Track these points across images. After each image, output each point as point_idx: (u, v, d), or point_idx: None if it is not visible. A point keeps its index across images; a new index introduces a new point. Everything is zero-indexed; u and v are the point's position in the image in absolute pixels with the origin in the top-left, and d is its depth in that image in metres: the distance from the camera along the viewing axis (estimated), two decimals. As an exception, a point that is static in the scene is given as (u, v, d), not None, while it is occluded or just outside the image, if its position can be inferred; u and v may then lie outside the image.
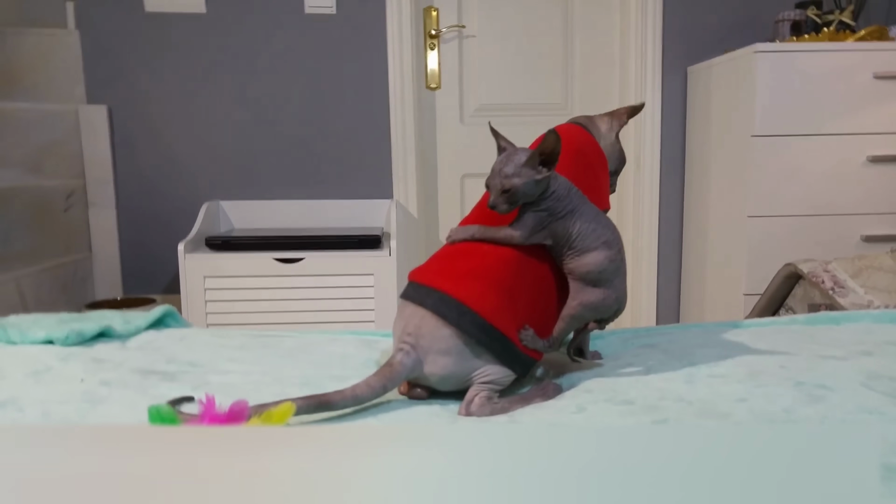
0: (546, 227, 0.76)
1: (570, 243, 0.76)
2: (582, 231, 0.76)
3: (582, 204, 0.77)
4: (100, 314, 0.95)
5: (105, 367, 0.79)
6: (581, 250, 0.76)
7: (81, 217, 2.24)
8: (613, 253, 0.77)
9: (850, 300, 1.59)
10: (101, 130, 2.25)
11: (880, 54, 1.98)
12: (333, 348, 0.90)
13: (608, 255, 0.76)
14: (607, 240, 0.77)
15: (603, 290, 0.77)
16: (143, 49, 2.27)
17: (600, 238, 0.76)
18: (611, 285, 0.77)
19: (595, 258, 0.76)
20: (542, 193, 0.75)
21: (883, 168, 2.03)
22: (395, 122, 2.35)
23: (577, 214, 0.76)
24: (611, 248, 0.77)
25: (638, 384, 0.78)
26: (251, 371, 0.81)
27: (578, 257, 0.76)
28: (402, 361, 0.72)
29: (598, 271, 0.76)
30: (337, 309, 1.95)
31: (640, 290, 2.52)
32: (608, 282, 0.77)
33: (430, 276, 0.76)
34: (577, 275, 0.77)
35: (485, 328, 0.72)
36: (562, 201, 0.75)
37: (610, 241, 0.77)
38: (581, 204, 0.77)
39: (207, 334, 0.96)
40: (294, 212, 2.34)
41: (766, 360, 0.86)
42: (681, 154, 2.46)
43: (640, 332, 1.05)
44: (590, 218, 0.77)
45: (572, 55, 2.48)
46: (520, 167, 0.73)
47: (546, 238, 0.77)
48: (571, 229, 0.76)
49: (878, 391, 0.74)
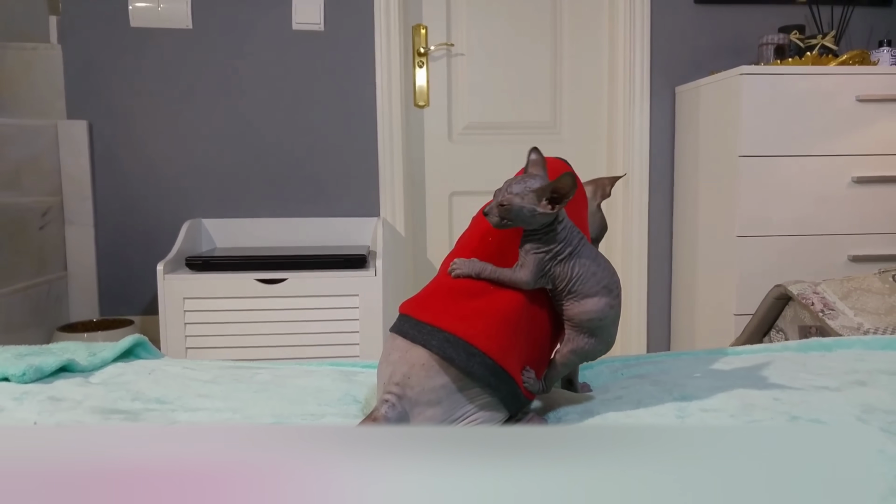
0: (547, 272, 0.73)
1: (569, 287, 0.73)
2: (582, 275, 0.73)
3: (582, 246, 0.74)
4: (62, 346, 0.90)
5: (62, 407, 0.74)
6: (581, 295, 0.73)
7: (57, 235, 2.18)
8: (612, 298, 0.74)
9: (839, 322, 1.57)
10: (80, 146, 2.20)
11: (862, 78, 1.99)
12: (309, 381, 0.86)
13: (608, 302, 0.74)
14: (607, 284, 0.74)
15: (597, 338, 0.75)
16: (126, 64, 2.23)
17: (601, 282, 0.73)
18: (607, 333, 0.75)
19: (596, 305, 0.73)
20: (548, 234, 0.72)
21: (868, 189, 2.03)
22: (382, 140, 2.32)
23: (577, 256, 0.73)
24: (611, 293, 0.74)
25: (627, 419, 0.75)
26: (221, 408, 0.77)
27: (578, 303, 0.73)
28: (387, 415, 0.68)
29: (598, 319, 0.73)
30: (321, 331, 1.90)
31: (631, 311, 2.49)
32: (605, 329, 0.74)
33: (433, 313, 0.71)
34: (576, 322, 0.74)
35: (495, 370, 0.69)
36: (563, 243, 0.73)
37: (609, 285, 0.74)
38: (581, 246, 0.74)
39: (179, 366, 0.91)
40: (278, 230, 2.30)
41: (760, 391, 0.84)
42: (669, 174, 2.46)
43: (630, 360, 1.02)
44: (590, 259, 0.74)
45: (561, 75, 2.47)
46: (528, 191, 0.70)
47: (548, 283, 0.74)
48: (571, 273, 0.73)
49: (875, 426, 0.71)
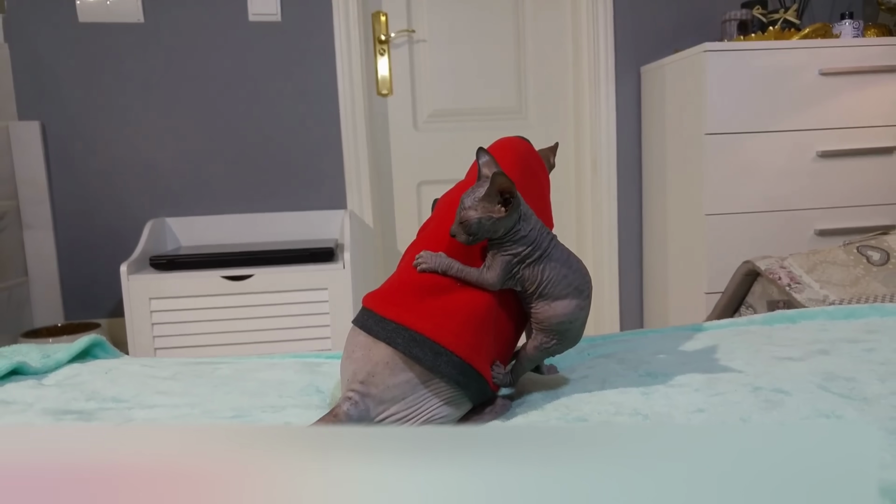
0: (516, 274, 0.71)
1: (539, 290, 0.71)
2: (552, 278, 0.71)
3: (552, 248, 0.72)
4: (14, 349, 0.87)
5: (12, 410, 0.71)
6: (551, 297, 0.71)
7: (15, 239, 2.12)
8: (582, 300, 0.73)
9: (806, 296, 1.59)
10: (34, 148, 2.13)
11: (825, 51, 2.01)
12: (271, 374, 0.84)
13: (578, 304, 0.72)
14: (578, 286, 0.72)
15: (564, 337, 0.73)
16: (77, 62, 2.17)
17: (571, 284, 0.72)
18: (574, 332, 0.74)
19: (566, 308, 0.72)
20: (509, 235, 0.70)
21: (832, 163, 2.06)
22: (346, 130, 2.29)
23: (547, 259, 0.71)
24: (581, 294, 0.72)
25: (593, 399, 0.74)
26: (179, 404, 0.74)
27: (548, 305, 0.72)
28: (349, 412, 0.66)
29: (568, 321, 0.72)
30: (291, 326, 1.88)
31: (603, 294, 2.51)
32: (573, 330, 0.73)
33: (398, 310, 0.69)
34: (546, 325, 0.72)
35: (463, 369, 0.68)
36: (531, 246, 0.70)
37: (580, 286, 0.73)
38: (551, 247, 0.72)
39: (137, 364, 0.89)
40: (244, 226, 2.26)
41: (724, 365, 0.84)
42: (637, 154, 2.47)
43: (597, 340, 1.02)
44: (560, 262, 0.72)
45: (525, 59, 2.46)
46: (477, 201, 0.68)
47: (516, 285, 0.72)
48: (541, 276, 0.71)
49: (834, 392, 0.71)
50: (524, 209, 0.71)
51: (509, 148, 0.84)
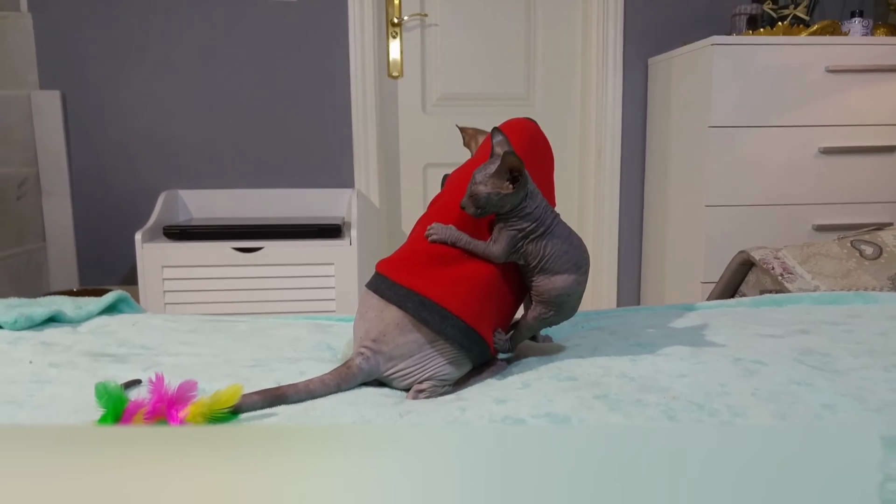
0: (520, 248, 0.76)
1: (541, 265, 0.76)
2: (554, 253, 0.76)
3: (555, 225, 0.77)
4: (50, 299, 0.93)
5: (54, 350, 0.78)
6: (552, 272, 0.77)
7: (35, 206, 2.18)
8: (580, 275, 0.78)
9: (797, 286, 1.64)
10: (54, 117, 2.19)
11: (832, 48, 2.03)
12: (285, 332, 0.90)
13: (576, 279, 0.77)
14: (577, 261, 0.77)
15: (561, 309, 0.79)
16: (98, 33, 2.22)
17: (571, 260, 0.77)
18: (571, 305, 0.79)
19: (565, 282, 0.77)
20: (516, 211, 0.75)
21: (833, 159, 2.09)
22: (356, 111, 2.34)
23: (549, 236, 0.76)
24: (579, 270, 0.78)
25: (583, 363, 0.80)
26: (202, 353, 0.81)
27: (548, 279, 0.77)
28: (361, 366, 0.73)
29: (566, 294, 0.77)
30: (297, 299, 1.94)
31: (602, 279, 2.56)
32: (570, 302, 0.79)
33: (409, 276, 0.74)
34: (545, 297, 0.78)
35: (467, 333, 0.73)
36: (536, 223, 0.75)
37: (579, 262, 0.78)
38: (554, 225, 0.77)
39: (160, 319, 0.95)
40: (254, 201, 2.32)
41: (709, 339, 0.90)
42: (641, 145, 2.51)
43: (591, 314, 1.08)
44: (562, 239, 0.77)
45: (535, 46, 2.50)
46: (487, 177, 0.73)
47: (519, 258, 0.77)
48: (544, 251, 0.76)
49: (808, 365, 0.77)
50: (531, 187, 0.76)
51: (519, 128, 0.89)
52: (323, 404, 0.68)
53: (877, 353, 0.82)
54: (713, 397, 0.68)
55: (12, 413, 0.62)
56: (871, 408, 0.65)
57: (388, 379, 0.75)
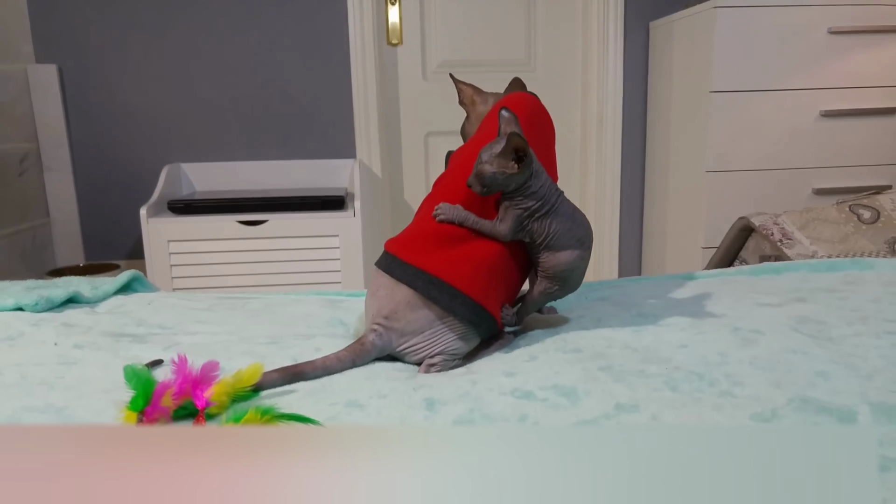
0: (525, 226, 0.78)
1: (546, 242, 0.79)
2: (558, 230, 0.78)
3: (560, 203, 0.79)
4: (66, 280, 0.96)
5: (76, 331, 0.80)
6: (556, 248, 0.79)
7: (37, 182, 2.19)
8: (584, 250, 0.80)
9: (796, 251, 1.66)
10: (52, 91, 2.18)
11: (836, 9, 2.01)
12: (298, 308, 0.92)
13: (580, 254, 0.80)
14: (580, 238, 0.80)
15: (566, 284, 0.81)
16: (92, 6, 2.19)
17: (575, 236, 0.79)
18: (575, 280, 0.82)
19: (569, 257, 0.79)
20: (521, 190, 0.76)
21: (834, 122, 2.09)
22: (356, 80, 2.33)
23: (554, 214, 0.78)
24: (582, 246, 0.80)
25: (588, 335, 0.83)
26: (219, 332, 0.83)
27: (553, 255, 0.79)
28: (374, 342, 0.76)
29: (570, 269, 0.80)
30: (303, 271, 1.97)
31: (603, 245, 2.59)
32: (574, 277, 0.81)
33: (418, 256, 0.77)
34: (550, 272, 0.80)
35: (475, 310, 0.76)
36: (541, 202, 0.77)
37: (583, 238, 0.80)
38: (558, 203, 0.79)
39: (174, 297, 0.97)
40: (256, 173, 2.33)
41: (710, 309, 0.92)
42: (643, 109, 2.50)
43: (594, 285, 1.10)
44: (566, 216, 0.79)
45: (535, 11, 2.47)
46: (493, 157, 0.75)
47: (525, 236, 0.79)
48: (549, 229, 0.78)
49: (804, 333, 0.80)
50: (536, 167, 0.78)
51: (521, 104, 0.90)
52: (339, 380, 0.71)
53: (869, 319, 0.84)
54: (713, 367, 0.71)
55: (45, 395, 0.65)
56: (863, 374, 0.68)
57: (401, 354, 0.78)
